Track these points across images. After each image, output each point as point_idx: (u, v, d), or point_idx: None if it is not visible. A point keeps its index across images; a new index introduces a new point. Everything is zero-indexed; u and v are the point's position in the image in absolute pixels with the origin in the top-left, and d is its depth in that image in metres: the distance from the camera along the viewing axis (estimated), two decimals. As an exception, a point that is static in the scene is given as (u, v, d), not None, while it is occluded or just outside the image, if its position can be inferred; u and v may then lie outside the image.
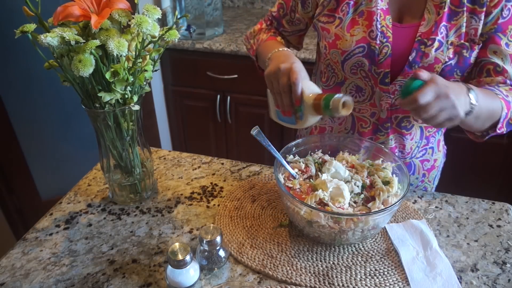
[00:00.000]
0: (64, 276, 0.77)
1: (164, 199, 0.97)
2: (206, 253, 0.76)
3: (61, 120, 2.08)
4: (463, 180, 1.98)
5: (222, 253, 0.77)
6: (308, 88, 0.82)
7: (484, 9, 0.85)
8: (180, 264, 0.68)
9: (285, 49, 0.94)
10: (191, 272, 0.70)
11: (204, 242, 0.74)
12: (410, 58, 0.88)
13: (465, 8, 0.86)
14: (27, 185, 2.12)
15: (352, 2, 0.91)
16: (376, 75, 0.92)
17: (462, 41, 0.87)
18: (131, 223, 0.90)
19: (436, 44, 0.86)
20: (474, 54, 0.89)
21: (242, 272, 0.78)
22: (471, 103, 0.76)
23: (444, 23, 0.87)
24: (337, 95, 0.78)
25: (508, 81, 0.89)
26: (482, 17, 0.86)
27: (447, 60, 0.87)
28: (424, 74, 0.73)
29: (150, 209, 0.94)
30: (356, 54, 0.91)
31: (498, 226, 0.89)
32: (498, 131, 0.87)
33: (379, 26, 0.89)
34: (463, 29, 0.87)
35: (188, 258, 0.68)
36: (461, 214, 0.92)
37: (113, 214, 0.92)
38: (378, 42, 0.89)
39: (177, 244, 0.70)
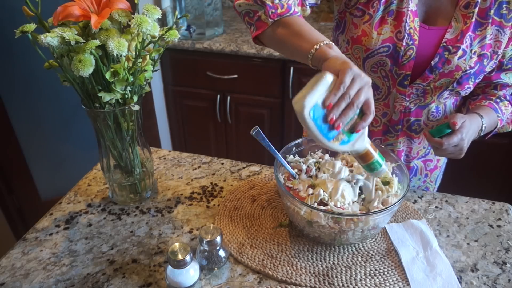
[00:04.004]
0: (64, 276, 0.77)
1: (164, 199, 0.97)
2: (206, 253, 0.76)
3: (61, 120, 2.08)
4: (463, 180, 1.98)
5: (222, 253, 0.77)
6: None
7: (510, 24, 0.87)
8: (180, 264, 0.68)
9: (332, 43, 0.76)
10: (191, 272, 0.70)
11: (204, 242, 0.74)
12: (433, 63, 0.88)
13: (490, 20, 0.86)
14: (27, 185, 2.12)
15: (383, 0, 0.88)
16: (396, 76, 0.91)
17: (485, 51, 0.88)
18: (131, 223, 0.90)
19: (460, 52, 0.87)
20: (491, 63, 0.90)
21: (242, 272, 0.78)
22: (480, 134, 0.93)
23: (470, 33, 0.87)
24: (384, 167, 0.75)
25: (508, 96, 0.98)
26: (508, 32, 0.87)
27: (467, 68, 0.87)
28: (458, 125, 0.84)
29: (150, 209, 0.94)
30: (380, 53, 0.89)
31: (498, 226, 0.89)
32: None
33: (407, 28, 0.87)
34: (487, 41, 0.87)
35: (188, 258, 0.68)
36: (461, 214, 0.92)
37: (113, 214, 0.92)
38: (404, 44, 0.87)
39: (177, 244, 0.70)
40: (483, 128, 0.92)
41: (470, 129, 0.87)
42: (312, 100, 0.64)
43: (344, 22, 0.95)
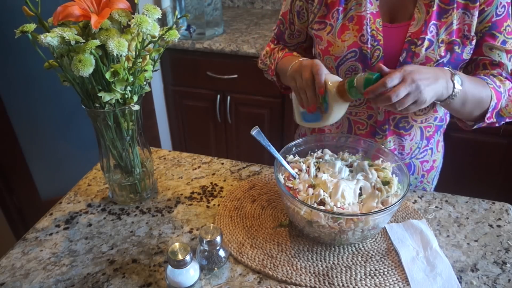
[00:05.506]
0: (64, 276, 0.77)
1: (164, 199, 0.97)
2: (206, 253, 0.76)
3: (61, 120, 2.08)
4: (463, 180, 1.98)
5: (222, 253, 0.77)
6: (331, 78, 0.83)
7: (477, 4, 0.86)
8: (180, 264, 0.68)
9: (306, 58, 0.94)
10: (191, 272, 0.70)
11: (204, 242, 0.74)
12: (401, 59, 0.89)
13: (455, 5, 0.86)
14: (27, 185, 2.12)
15: (341, 8, 0.92)
16: None
17: (453, 38, 0.87)
18: (131, 223, 0.90)
19: (426, 43, 0.87)
20: (467, 50, 0.89)
21: (242, 272, 0.78)
22: (455, 87, 0.79)
23: (433, 21, 0.87)
24: (359, 74, 0.80)
25: (503, 73, 0.91)
26: (476, 13, 0.86)
27: (438, 58, 0.87)
28: (385, 68, 0.77)
29: (150, 209, 0.94)
30: (349, 59, 0.91)
31: (498, 226, 0.89)
32: (487, 121, 0.89)
33: (369, 30, 0.89)
34: (454, 26, 0.87)
35: (188, 258, 0.68)
36: (461, 214, 0.92)
37: (113, 214, 0.92)
38: (369, 45, 0.89)
39: (177, 244, 0.70)
40: (456, 75, 0.80)
41: (415, 66, 0.77)
42: (297, 112, 0.94)
43: (312, 38, 1.00)
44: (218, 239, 0.74)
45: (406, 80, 0.74)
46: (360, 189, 0.83)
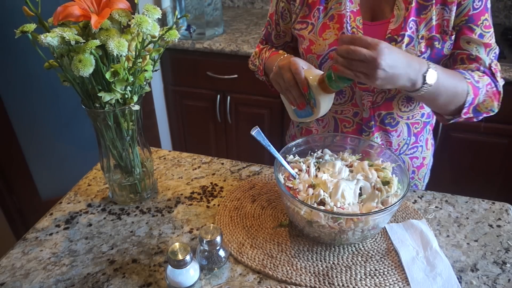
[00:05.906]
0: (64, 276, 0.77)
1: (164, 199, 0.97)
2: (206, 253, 0.76)
3: (61, 120, 2.08)
4: (463, 180, 1.98)
5: (222, 253, 0.77)
6: (311, 73, 0.84)
7: (455, 0, 0.86)
8: (180, 264, 0.68)
9: (288, 54, 0.95)
10: (191, 272, 0.70)
11: (204, 242, 0.74)
12: None
13: (433, 1, 0.86)
14: (27, 185, 2.12)
15: (322, 7, 0.93)
16: None
17: (433, 34, 0.87)
18: (131, 223, 0.90)
19: (406, 39, 0.87)
20: (447, 45, 0.89)
21: (242, 272, 0.78)
22: (426, 82, 0.78)
23: (412, 18, 0.87)
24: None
25: (481, 68, 0.91)
26: (454, 8, 0.87)
27: (419, 54, 0.88)
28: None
29: (150, 209, 0.94)
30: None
31: (498, 226, 0.89)
32: (463, 116, 0.89)
33: (349, 28, 0.90)
34: (434, 22, 0.87)
35: (188, 258, 0.68)
36: (461, 214, 0.92)
37: (113, 214, 0.92)
38: None
39: (177, 244, 0.70)
40: (432, 67, 0.79)
41: (393, 49, 0.74)
42: (290, 111, 0.96)
43: (296, 38, 1.01)
44: (218, 239, 0.74)
45: (373, 49, 0.71)
46: (360, 189, 0.83)
